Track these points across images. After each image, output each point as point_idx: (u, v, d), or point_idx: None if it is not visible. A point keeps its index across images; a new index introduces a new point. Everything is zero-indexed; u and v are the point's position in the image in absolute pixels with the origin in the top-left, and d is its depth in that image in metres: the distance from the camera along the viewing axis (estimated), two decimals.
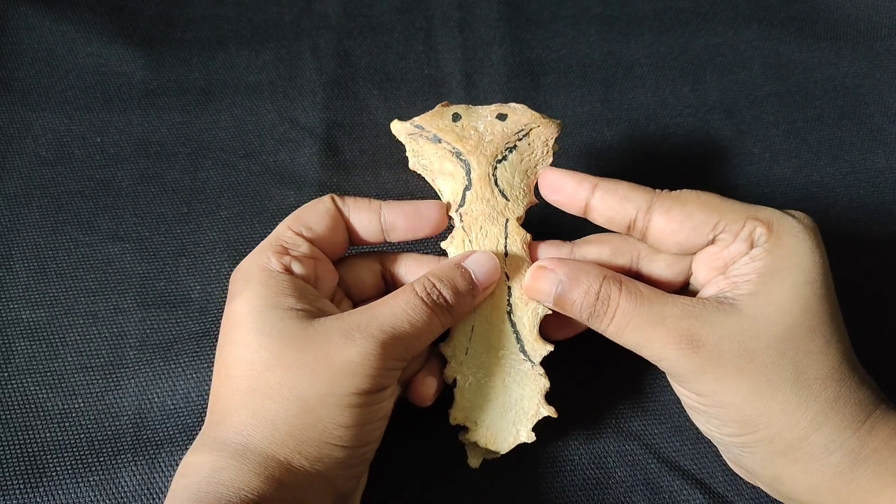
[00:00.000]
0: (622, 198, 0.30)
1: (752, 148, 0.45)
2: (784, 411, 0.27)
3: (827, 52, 0.49)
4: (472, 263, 0.31)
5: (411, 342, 0.29)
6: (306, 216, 0.32)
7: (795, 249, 0.28)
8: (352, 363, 0.27)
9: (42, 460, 0.34)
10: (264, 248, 0.31)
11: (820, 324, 0.27)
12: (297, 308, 0.29)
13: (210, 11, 0.51)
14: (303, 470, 0.27)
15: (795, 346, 0.27)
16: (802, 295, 0.27)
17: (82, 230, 0.41)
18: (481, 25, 0.50)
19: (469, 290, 0.31)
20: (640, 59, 0.49)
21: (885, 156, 0.45)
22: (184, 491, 0.26)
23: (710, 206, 0.30)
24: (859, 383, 0.27)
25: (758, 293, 0.28)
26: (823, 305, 0.28)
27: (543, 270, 0.31)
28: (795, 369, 0.27)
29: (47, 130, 0.45)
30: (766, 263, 0.28)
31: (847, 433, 0.27)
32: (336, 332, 0.28)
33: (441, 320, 0.30)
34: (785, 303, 0.27)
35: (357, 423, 0.28)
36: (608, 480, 0.34)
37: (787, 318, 0.27)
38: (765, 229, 0.28)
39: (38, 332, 0.38)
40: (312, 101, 0.47)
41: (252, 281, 0.30)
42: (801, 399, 0.27)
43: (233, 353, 0.29)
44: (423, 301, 0.29)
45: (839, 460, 0.27)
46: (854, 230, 0.42)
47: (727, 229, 0.29)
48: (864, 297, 0.40)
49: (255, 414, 0.27)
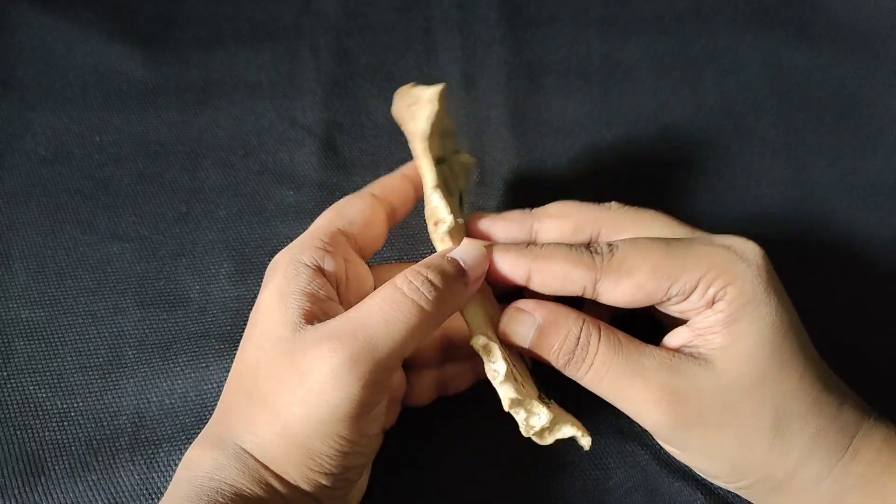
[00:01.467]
0: (563, 279, 0.29)
1: (751, 149, 0.45)
2: (769, 455, 0.27)
3: (826, 55, 0.49)
4: (459, 252, 0.29)
5: (393, 346, 0.26)
6: (348, 211, 0.32)
7: (752, 296, 0.28)
8: (322, 382, 0.25)
9: (41, 459, 0.34)
10: (304, 240, 0.30)
11: (791, 358, 0.28)
12: (304, 309, 0.28)
13: (209, 10, 0.50)
14: (295, 485, 0.27)
15: (772, 389, 0.27)
16: (768, 338, 0.27)
17: (81, 229, 0.41)
18: (481, 25, 0.50)
19: (458, 275, 0.28)
20: (639, 61, 0.49)
21: (884, 158, 0.45)
22: (187, 482, 0.26)
23: (660, 272, 0.28)
24: (839, 408, 0.28)
25: (727, 346, 0.28)
26: (790, 340, 0.28)
27: (520, 313, 0.29)
28: (775, 413, 0.27)
29: (46, 129, 0.45)
30: (727, 315, 0.28)
31: (832, 462, 0.27)
32: (312, 343, 0.26)
33: (429, 312, 0.27)
34: (754, 351, 0.27)
35: (337, 453, 0.26)
36: (608, 481, 0.34)
37: (759, 364, 0.27)
38: (719, 286, 0.28)
39: (37, 331, 0.37)
40: (312, 100, 0.47)
41: (277, 273, 0.29)
42: (785, 441, 0.27)
43: (246, 350, 0.29)
44: (404, 294, 0.27)
45: (828, 489, 0.28)
46: (854, 231, 0.42)
47: (681, 292, 0.28)
48: (865, 297, 0.40)
49: (250, 421, 0.27)
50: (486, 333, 0.29)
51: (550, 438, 0.29)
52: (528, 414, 0.29)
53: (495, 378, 0.29)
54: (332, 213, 0.32)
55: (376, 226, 0.33)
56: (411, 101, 0.33)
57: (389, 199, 0.33)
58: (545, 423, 0.29)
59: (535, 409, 0.29)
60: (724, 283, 0.28)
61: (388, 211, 0.33)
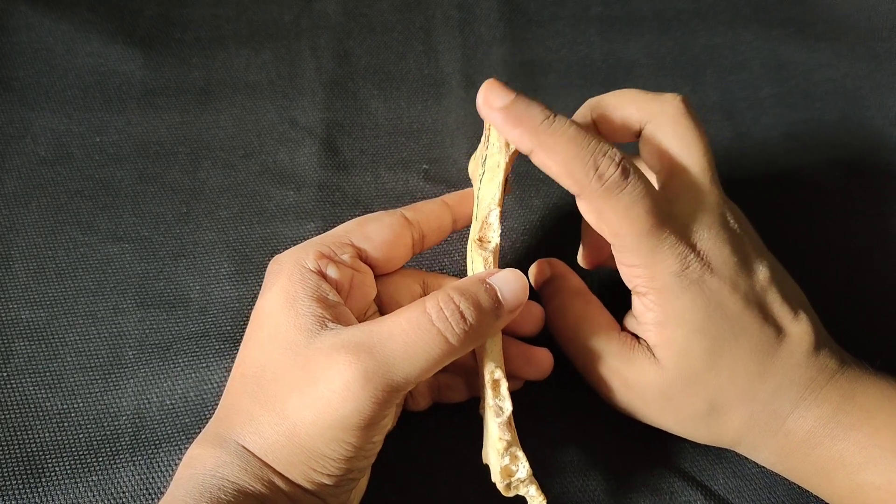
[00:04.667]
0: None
1: (751, 149, 0.45)
2: (707, 435, 0.31)
3: (827, 54, 0.49)
4: (499, 280, 0.28)
5: (409, 373, 0.26)
6: (369, 226, 0.31)
7: (676, 305, 0.29)
8: (334, 392, 0.25)
9: (41, 460, 0.34)
10: (309, 244, 0.30)
11: (720, 357, 0.29)
12: (316, 314, 0.27)
13: (209, 11, 0.51)
14: (297, 484, 0.27)
15: (705, 386, 0.30)
16: (696, 341, 0.29)
17: (81, 230, 0.41)
18: (481, 25, 0.50)
19: (493, 310, 0.28)
20: (639, 60, 0.49)
21: (885, 157, 0.45)
22: (188, 480, 0.26)
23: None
24: (773, 393, 0.29)
25: (660, 344, 0.30)
26: (720, 340, 0.29)
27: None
28: (709, 404, 0.30)
29: (46, 130, 0.45)
30: (655, 315, 0.29)
31: (766, 438, 0.30)
32: (327, 350, 0.26)
33: (454, 346, 0.26)
34: (686, 353, 0.29)
35: (342, 457, 0.26)
36: (608, 481, 0.34)
37: (692, 365, 0.29)
38: (644, 280, 0.29)
39: (38, 332, 0.37)
40: (312, 100, 0.47)
41: (282, 275, 0.29)
42: (720, 424, 0.30)
43: (250, 351, 0.29)
44: (431, 322, 0.26)
45: (767, 457, 0.31)
46: (854, 231, 0.42)
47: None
48: (865, 297, 0.40)
49: (252, 422, 0.27)
50: (501, 367, 0.29)
51: (514, 492, 0.29)
52: (511, 461, 0.28)
53: (498, 415, 0.28)
54: (352, 224, 0.32)
55: (397, 248, 0.32)
56: None
57: (422, 226, 0.33)
58: (523, 477, 0.28)
59: (520, 459, 0.28)
60: (649, 283, 0.29)
61: (416, 236, 0.32)
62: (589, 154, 0.27)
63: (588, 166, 0.27)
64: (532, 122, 0.28)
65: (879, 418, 0.29)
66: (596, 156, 0.27)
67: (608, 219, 0.28)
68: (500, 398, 0.29)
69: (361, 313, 0.31)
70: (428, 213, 0.33)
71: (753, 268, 0.30)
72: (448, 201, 0.34)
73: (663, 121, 0.31)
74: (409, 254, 0.33)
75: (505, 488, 0.29)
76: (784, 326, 0.30)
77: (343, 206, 0.42)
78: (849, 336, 0.32)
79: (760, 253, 0.31)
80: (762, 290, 0.30)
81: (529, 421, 0.31)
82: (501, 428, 0.28)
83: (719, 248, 0.29)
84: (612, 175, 0.27)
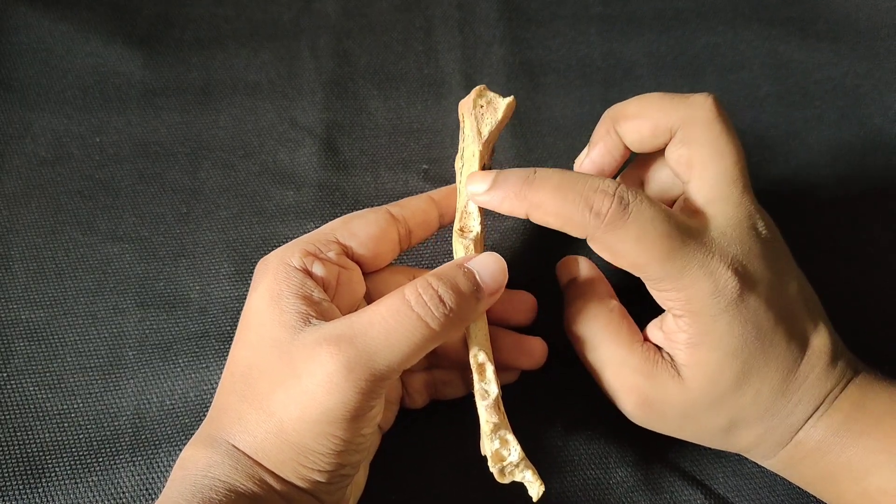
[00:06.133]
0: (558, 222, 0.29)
1: (750, 148, 0.45)
2: (721, 445, 0.31)
3: (827, 53, 0.49)
4: (478, 264, 0.29)
5: (391, 361, 0.26)
6: (354, 223, 0.31)
7: (712, 327, 0.28)
8: (317, 385, 0.25)
9: (41, 460, 0.34)
10: (294, 243, 0.30)
11: (747, 379, 0.28)
12: (300, 311, 0.27)
13: (209, 11, 0.51)
14: (289, 481, 0.27)
15: (729, 406, 0.29)
16: (728, 364, 0.28)
17: (81, 230, 0.41)
18: (481, 25, 0.50)
19: (473, 293, 0.28)
20: (639, 59, 0.49)
21: (885, 156, 0.45)
22: (182, 481, 0.27)
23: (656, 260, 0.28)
24: (792, 409, 0.29)
25: (689, 364, 0.29)
26: (749, 363, 0.28)
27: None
28: (729, 421, 0.29)
29: (46, 130, 0.45)
30: (689, 336, 0.28)
31: (776, 450, 0.30)
32: (310, 344, 0.26)
33: (435, 331, 0.26)
34: (714, 374, 0.28)
35: (331, 451, 0.26)
36: (608, 480, 0.34)
37: (720, 388, 0.28)
38: (679, 304, 0.28)
39: (37, 332, 0.37)
40: (312, 100, 0.47)
41: (267, 274, 0.29)
42: (735, 437, 0.30)
43: (239, 351, 0.29)
44: (410, 308, 0.26)
45: (776, 463, 0.31)
46: (854, 231, 0.42)
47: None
48: (865, 297, 0.40)
49: (241, 421, 0.27)
50: (486, 351, 0.29)
51: (510, 478, 0.29)
52: (501, 445, 0.28)
53: (484, 398, 0.28)
54: (338, 222, 0.32)
55: (384, 244, 0.31)
56: (483, 102, 0.32)
57: (408, 221, 0.32)
58: (515, 460, 0.28)
59: (511, 443, 0.28)
60: (685, 310, 0.28)
61: (403, 232, 0.32)
62: (578, 195, 0.27)
63: (581, 207, 0.27)
64: (513, 188, 0.28)
65: (888, 423, 0.28)
66: (586, 195, 0.27)
67: (622, 253, 0.27)
68: (485, 381, 0.29)
69: (350, 310, 0.31)
70: (413, 208, 0.33)
71: (785, 280, 0.29)
72: (434, 196, 0.34)
73: (694, 126, 0.29)
74: (396, 249, 0.33)
75: (499, 474, 0.28)
76: (807, 339, 0.29)
77: (343, 206, 0.42)
78: (849, 336, 0.32)
79: (789, 263, 0.30)
80: (792, 302, 0.29)
81: (526, 420, 0.31)
82: (488, 411, 0.28)
83: (753, 262, 0.28)
84: (610, 209, 0.27)
